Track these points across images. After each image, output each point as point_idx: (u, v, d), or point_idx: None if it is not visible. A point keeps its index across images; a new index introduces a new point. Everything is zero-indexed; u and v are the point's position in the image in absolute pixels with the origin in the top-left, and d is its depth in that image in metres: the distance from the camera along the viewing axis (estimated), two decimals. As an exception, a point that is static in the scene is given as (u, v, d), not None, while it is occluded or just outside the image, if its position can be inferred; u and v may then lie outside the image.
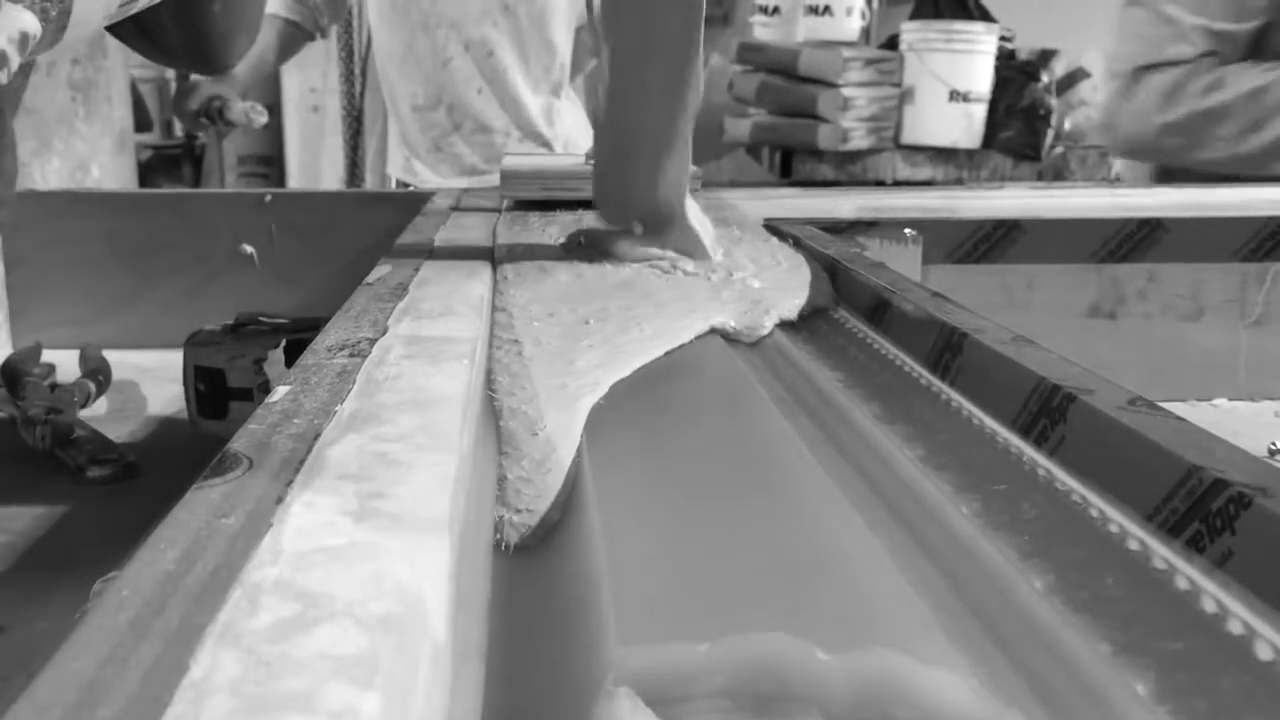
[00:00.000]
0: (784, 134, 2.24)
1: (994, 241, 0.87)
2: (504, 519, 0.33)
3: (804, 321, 0.55)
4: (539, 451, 0.35)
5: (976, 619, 0.27)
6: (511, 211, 0.82)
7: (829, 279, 0.60)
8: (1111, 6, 1.37)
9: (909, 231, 0.85)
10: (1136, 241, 0.87)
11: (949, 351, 0.44)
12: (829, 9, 2.27)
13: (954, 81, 2.13)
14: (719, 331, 0.50)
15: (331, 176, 3.50)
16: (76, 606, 0.22)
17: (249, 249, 1.00)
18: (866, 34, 2.42)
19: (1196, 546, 0.28)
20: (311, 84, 3.54)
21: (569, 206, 0.82)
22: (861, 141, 2.15)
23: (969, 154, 2.20)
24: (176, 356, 0.73)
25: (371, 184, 2.52)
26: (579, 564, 0.30)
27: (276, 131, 3.58)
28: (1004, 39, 2.18)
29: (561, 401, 0.38)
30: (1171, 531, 0.29)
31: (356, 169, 2.99)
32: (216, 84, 1.62)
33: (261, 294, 0.97)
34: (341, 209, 1.02)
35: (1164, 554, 0.29)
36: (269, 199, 1.01)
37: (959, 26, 2.15)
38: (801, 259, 0.62)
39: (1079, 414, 0.34)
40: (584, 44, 1.76)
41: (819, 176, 2.18)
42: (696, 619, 0.23)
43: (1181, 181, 1.20)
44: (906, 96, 2.16)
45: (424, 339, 0.40)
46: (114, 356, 0.88)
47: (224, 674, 0.17)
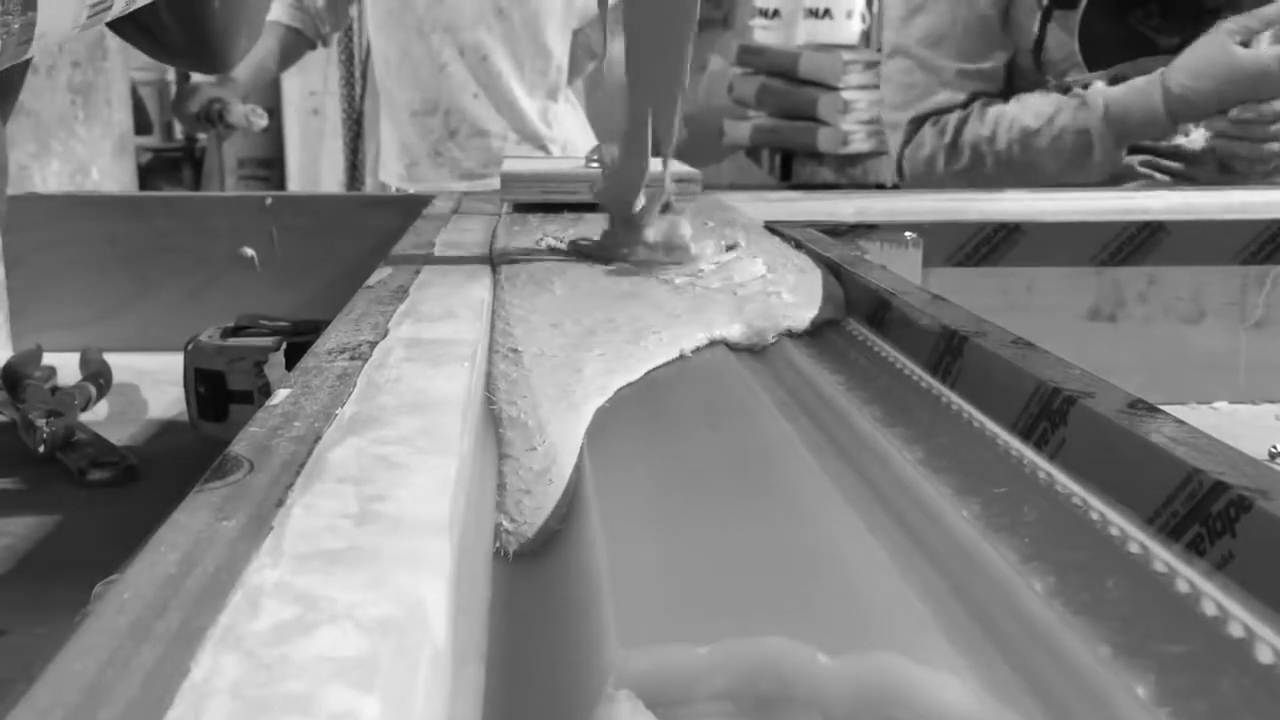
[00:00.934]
0: (784, 137, 2.24)
1: (994, 244, 0.87)
2: (503, 528, 0.33)
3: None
4: (539, 463, 0.35)
5: (977, 621, 0.27)
6: (511, 214, 0.82)
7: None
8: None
9: (909, 234, 0.86)
10: (1137, 244, 0.87)
11: (949, 354, 0.44)
12: (829, 12, 2.27)
13: (954, 84, 2.12)
14: (724, 342, 0.49)
15: (331, 179, 3.51)
16: (77, 609, 0.22)
17: (249, 252, 1.00)
18: (866, 37, 2.42)
19: (1197, 549, 0.28)
20: (312, 87, 3.54)
21: (569, 209, 0.82)
22: (861, 144, 2.15)
23: (969, 157, 2.19)
24: (177, 359, 0.73)
25: (371, 187, 2.52)
26: (580, 567, 0.30)
27: (277, 134, 3.59)
28: (1004, 42, 2.18)
29: (563, 412, 0.37)
30: (1172, 534, 0.29)
31: (356, 172, 2.99)
32: (217, 87, 1.62)
33: (262, 297, 0.97)
34: (342, 212, 1.02)
35: (1164, 557, 0.29)
36: (269, 202, 1.01)
37: (959, 29, 2.14)
38: (814, 267, 0.61)
39: (1079, 417, 0.34)
40: (581, 46, 1.76)
41: (819, 179, 2.18)
42: (697, 622, 0.23)
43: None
44: (906, 99, 2.16)
45: (424, 342, 0.40)
46: (114, 359, 0.89)
47: (224, 676, 0.17)
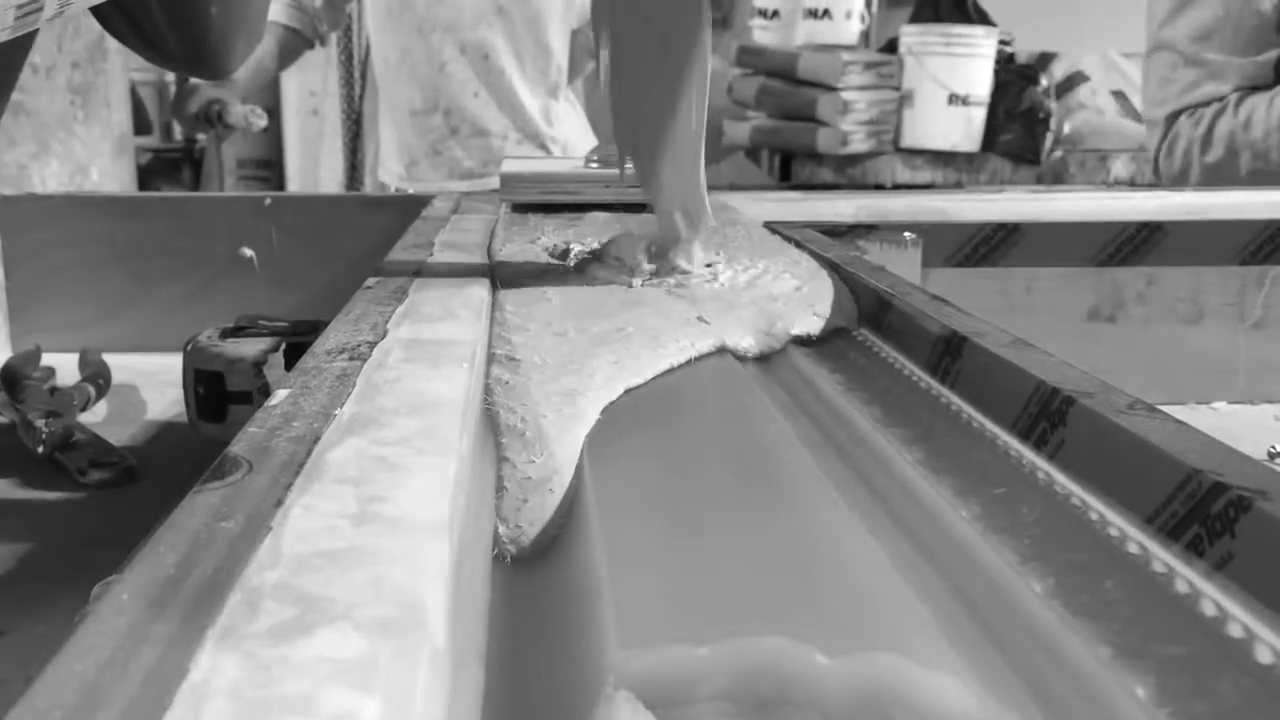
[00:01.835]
0: (783, 137, 2.24)
1: (993, 245, 0.87)
2: (503, 537, 0.33)
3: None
4: (539, 473, 0.34)
5: (976, 622, 0.27)
6: (510, 215, 0.82)
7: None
8: (1110, 9, 1.38)
9: (908, 235, 0.86)
10: (1136, 245, 0.87)
11: (948, 355, 0.44)
12: (828, 12, 2.27)
13: (953, 85, 2.13)
14: (729, 350, 0.48)
15: (331, 180, 3.51)
16: (76, 610, 0.22)
17: (248, 252, 1.00)
18: (866, 37, 2.42)
19: (1196, 550, 0.28)
20: (311, 87, 3.54)
21: (568, 210, 0.82)
22: (861, 145, 2.15)
23: (968, 157, 2.20)
24: (176, 360, 0.73)
25: (371, 187, 2.52)
26: (579, 568, 0.30)
27: (276, 135, 3.59)
28: (1003, 42, 2.18)
29: (564, 420, 0.37)
30: (1171, 535, 0.29)
31: (356, 172, 2.99)
32: (216, 88, 1.62)
33: (261, 297, 0.97)
34: (341, 212, 1.02)
35: (1164, 557, 0.29)
36: (268, 202, 1.01)
37: (958, 30, 2.15)
38: (824, 273, 0.59)
39: (1078, 417, 0.34)
40: (581, 46, 1.76)
41: (818, 180, 2.18)
42: (697, 622, 0.23)
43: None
44: (906, 100, 2.17)
45: (424, 342, 0.40)
46: (113, 360, 0.89)
47: (223, 677, 0.17)
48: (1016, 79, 2.17)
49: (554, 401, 0.38)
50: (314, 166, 3.63)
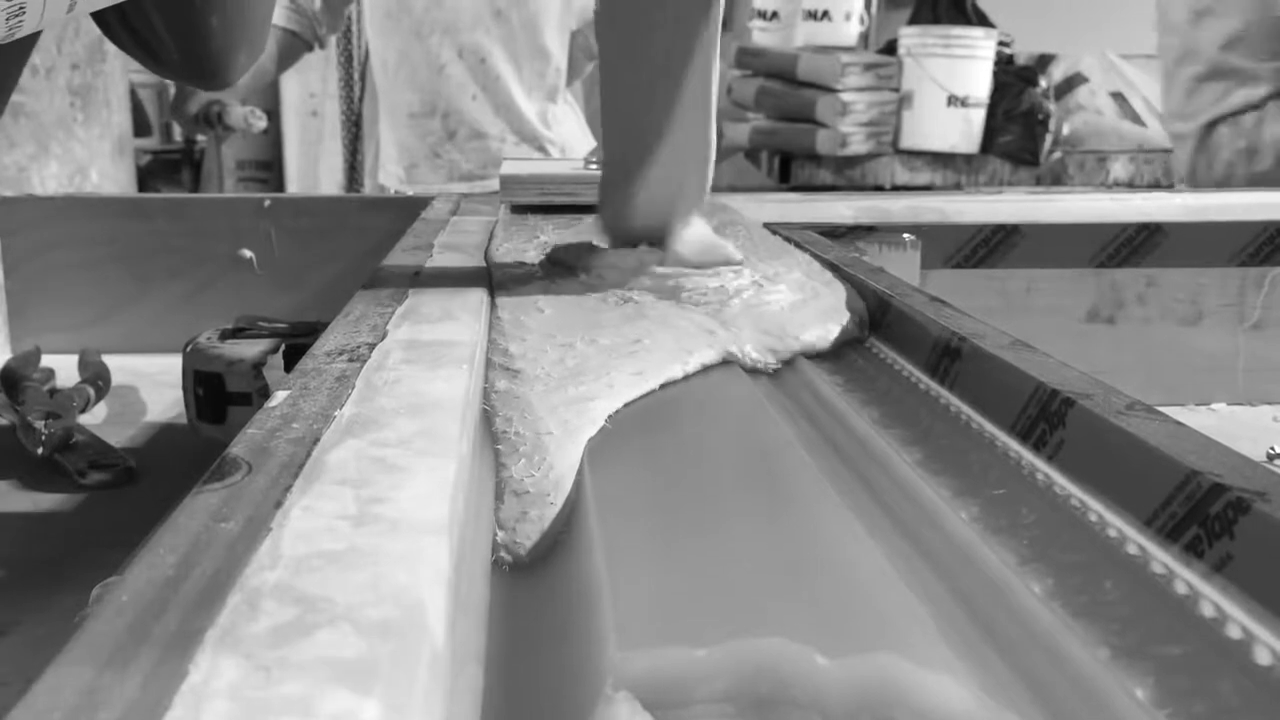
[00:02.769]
0: (783, 139, 2.24)
1: (993, 246, 0.87)
2: (501, 541, 0.32)
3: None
4: (539, 487, 0.34)
5: (976, 623, 0.27)
6: (509, 216, 0.82)
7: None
8: (1110, 11, 1.38)
9: (908, 236, 0.86)
10: (1135, 246, 0.87)
11: (948, 356, 0.44)
12: (827, 14, 2.27)
13: (952, 86, 2.13)
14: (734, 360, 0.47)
15: (330, 181, 3.50)
16: (76, 611, 0.22)
17: (248, 253, 1.00)
18: (865, 39, 2.42)
19: (1195, 551, 0.28)
20: (310, 89, 3.54)
21: (568, 211, 0.82)
22: (860, 146, 2.15)
23: (967, 159, 2.20)
24: (176, 361, 0.73)
25: (370, 189, 2.52)
26: (578, 570, 0.30)
27: (275, 136, 3.58)
28: (1002, 44, 2.18)
29: (565, 432, 0.36)
30: (1170, 536, 0.29)
31: (355, 174, 2.99)
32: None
33: (260, 298, 0.97)
34: (340, 213, 1.02)
35: (1163, 558, 0.29)
36: (268, 204, 1.01)
37: (957, 32, 2.15)
38: (836, 281, 0.56)
39: (1077, 419, 0.34)
40: (579, 48, 1.76)
41: (818, 181, 2.18)
42: (697, 624, 0.23)
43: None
44: (905, 101, 2.17)
45: (423, 343, 0.40)
46: (113, 361, 0.89)
47: (223, 679, 0.17)
48: (1015, 80, 2.17)
49: (558, 415, 0.37)
50: (313, 168, 3.63)
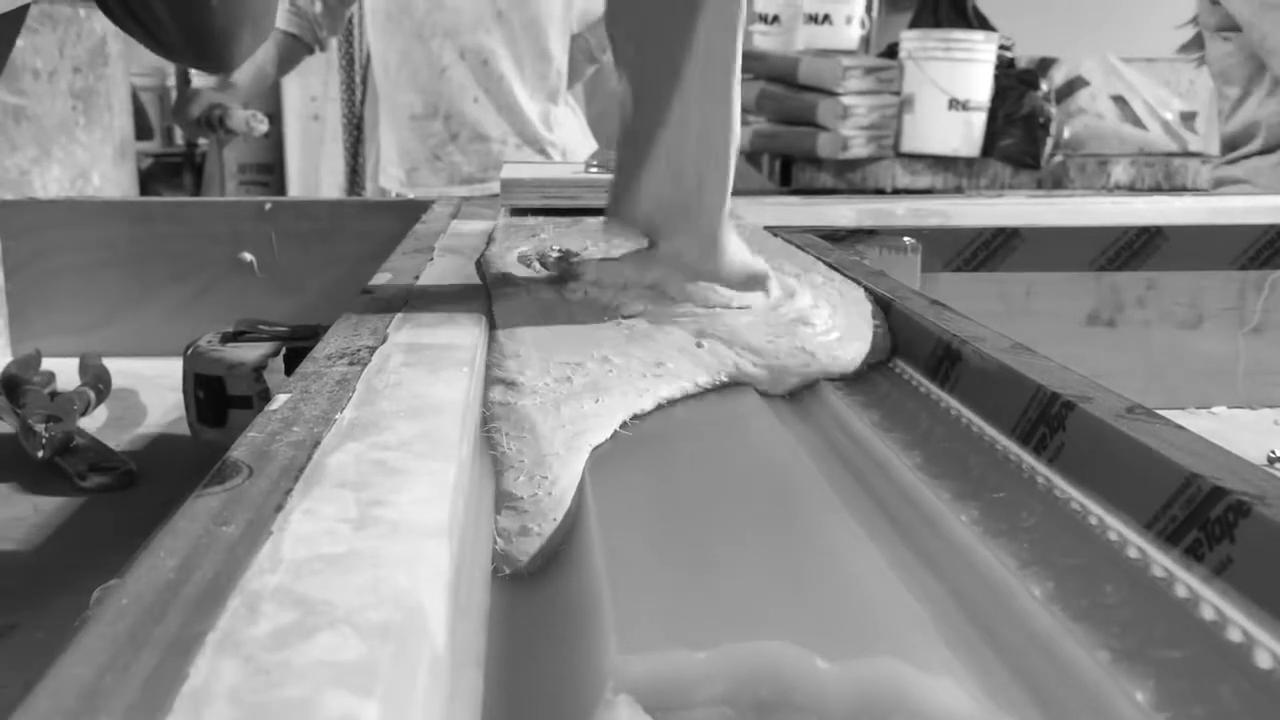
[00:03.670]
0: (784, 142, 2.25)
1: (993, 249, 0.87)
2: (500, 550, 0.32)
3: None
4: (539, 507, 0.33)
5: (976, 626, 0.27)
6: (510, 220, 0.82)
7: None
8: (1111, 14, 1.38)
9: (908, 240, 0.86)
10: (1136, 249, 0.87)
11: (948, 359, 0.44)
12: (828, 17, 2.27)
13: (953, 90, 2.13)
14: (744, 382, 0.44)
15: (331, 185, 3.51)
16: (76, 614, 0.22)
17: (249, 257, 1.00)
18: (866, 42, 2.42)
19: (1195, 554, 0.28)
20: (312, 92, 3.54)
21: (569, 215, 0.82)
22: (861, 149, 2.15)
23: (968, 162, 2.20)
24: (176, 364, 0.73)
25: (371, 192, 2.52)
26: (579, 574, 0.30)
27: (277, 140, 3.59)
28: (1003, 47, 2.19)
29: (569, 455, 0.36)
30: (1170, 539, 0.29)
31: (356, 177, 2.99)
32: (217, 92, 1.62)
33: (261, 302, 0.97)
34: (341, 217, 1.02)
35: (1163, 562, 0.29)
36: (269, 207, 1.01)
37: (958, 35, 2.15)
38: (862, 298, 0.52)
39: (1078, 422, 0.34)
40: (580, 51, 1.76)
41: (819, 184, 2.18)
42: (697, 627, 0.23)
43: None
44: (906, 105, 2.17)
45: (424, 347, 0.40)
46: (114, 364, 0.89)
47: (223, 682, 0.17)
48: (1016, 84, 2.17)
49: (563, 434, 0.36)
50: (315, 171, 3.63)
